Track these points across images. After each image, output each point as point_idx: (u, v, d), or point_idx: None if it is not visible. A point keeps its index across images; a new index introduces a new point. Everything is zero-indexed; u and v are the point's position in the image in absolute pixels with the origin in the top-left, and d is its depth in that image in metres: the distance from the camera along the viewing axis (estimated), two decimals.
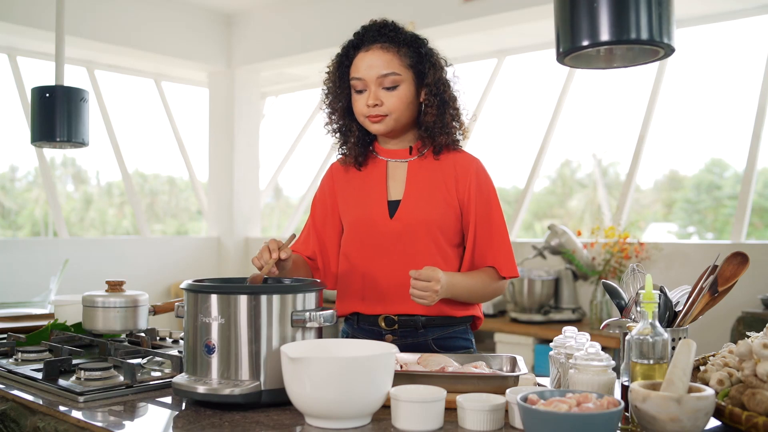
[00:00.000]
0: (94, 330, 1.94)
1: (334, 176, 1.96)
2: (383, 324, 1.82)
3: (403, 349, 1.79)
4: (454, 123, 1.84)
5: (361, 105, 1.81)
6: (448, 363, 1.54)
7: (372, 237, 1.83)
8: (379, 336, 1.83)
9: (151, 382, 1.57)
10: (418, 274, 1.62)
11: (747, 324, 3.36)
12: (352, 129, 1.88)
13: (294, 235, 1.74)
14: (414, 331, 1.82)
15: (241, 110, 6.35)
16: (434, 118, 1.81)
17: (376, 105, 1.78)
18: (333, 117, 1.90)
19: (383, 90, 1.78)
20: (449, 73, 1.87)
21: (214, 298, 1.40)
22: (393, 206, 1.83)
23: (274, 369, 1.38)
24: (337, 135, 1.91)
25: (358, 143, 1.88)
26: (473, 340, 1.91)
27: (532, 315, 4.09)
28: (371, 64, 1.78)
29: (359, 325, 1.88)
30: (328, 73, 1.91)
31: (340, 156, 1.93)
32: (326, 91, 1.91)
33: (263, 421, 1.30)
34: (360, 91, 1.81)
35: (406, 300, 1.76)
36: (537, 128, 5.36)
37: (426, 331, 1.82)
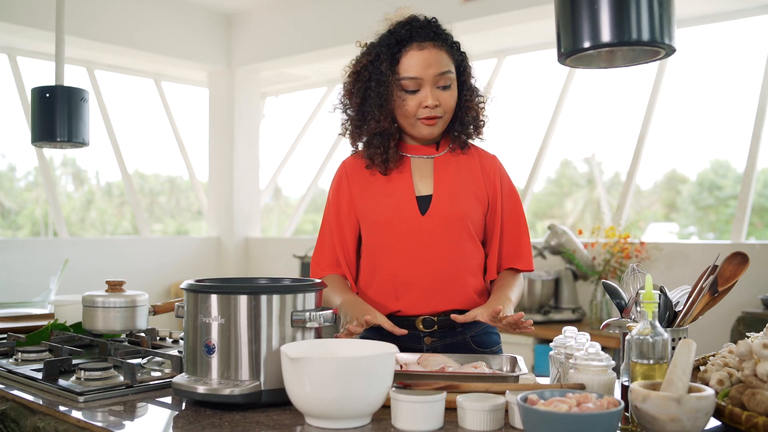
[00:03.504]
0: (94, 330, 1.94)
1: (349, 176, 1.86)
2: (421, 326, 1.77)
3: (442, 350, 1.76)
4: (481, 118, 1.84)
5: (413, 106, 1.73)
6: (448, 363, 1.54)
7: (402, 235, 1.76)
8: (416, 339, 1.77)
9: (151, 382, 1.57)
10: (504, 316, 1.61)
11: (747, 324, 3.36)
12: (393, 133, 1.77)
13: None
14: (452, 331, 1.78)
15: (241, 110, 6.35)
16: (476, 114, 1.81)
17: (437, 106, 1.72)
18: (377, 121, 1.74)
19: (438, 89, 1.73)
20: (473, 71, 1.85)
21: (214, 298, 1.40)
22: (422, 202, 1.78)
23: (274, 369, 1.38)
24: (375, 141, 1.77)
25: (395, 147, 1.79)
26: (500, 335, 1.90)
27: (532, 315, 4.09)
28: (430, 62, 1.71)
29: None
30: (355, 72, 1.79)
31: (374, 161, 1.79)
32: (358, 93, 1.78)
33: (263, 421, 1.30)
34: (413, 92, 1.73)
35: (444, 299, 1.74)
36: (537, 128, 5.37)
37: (464, 329, 1.79)
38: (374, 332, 1.83)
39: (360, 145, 1.86)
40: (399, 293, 1.77)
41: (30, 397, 1.51)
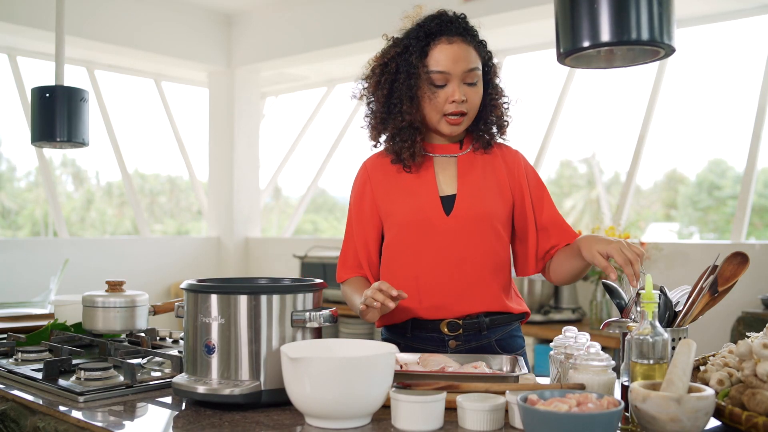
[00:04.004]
0: (94, 330, 1.94)
1: (371, 176, 1.83)
2: (446, 329, 1.73)
3: (467, 353, 1.73)
4: (505, 118, 1.82)
5: (440, 101, 1.69)
6: (448, 363, 1.54)
7: (426, 236, 1.72)
8: (441, 343, 1.74)
9: (151, 382, 1.57)
10: (629, 264, 1.48)
11: (747, 324, 3.36)
12: (419, 126, 1.73)
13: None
14: (477, 334, 1.74)
15: (241, 110, 6.35)
16: (501, 112, 1.79)
17: (464, 101, 1.70)
18: (405, 114, 1.71)
19: (465, 86, 1.70)
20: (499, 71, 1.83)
21: (214, 298, 1.40)
22: (446, 202, 1.75)
23: (274, 369, 1.38)
24: (402, 135, 1.73)
25: (421, 141, 1.75)
26: (524, 338, 1.88)
27: (532, 315, 4.09)
28: (458, 57, 1.68)
29: (414, 333, 1.76)
30: (381, 65, 1.75)
31: (401, 156, 1.75)
32: (385, 85, 1.73)
33: (263, 421, 1.30)
34: (440, 86, 1.70)
35: (469, 301, 1.71)
36: (537, 128, 5.37)
37: (488, 332, 1.76)
38: (395, 334, 1.82)
39: (382, 140, 1.81)
40: (422, 296, 1.73)
41: (30, 397, 1.51)
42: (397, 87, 1.72)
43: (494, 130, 1.81)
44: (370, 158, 1.87)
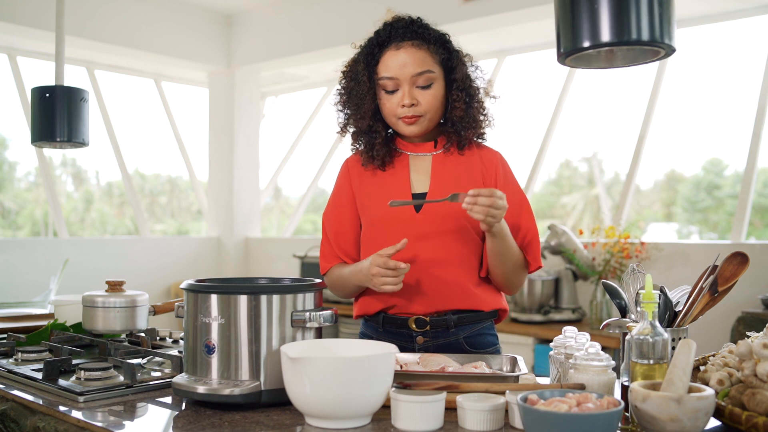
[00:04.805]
0: (94, 330, 1.94)
1: (351, 172, 1.88)
2: (414, 326, 1.76)
3: (434, 350, 1.76)
4: (480, 117, 1.82)
5: (392, 105, 1.75)
6: (448, 363, 1.54)
7: (396, 232, 1.75)
8: (409, 338, 1.78)
9: (151, 382, 1.57)
10: (478, 191, 1.56)
11: (747, 324, 3.36)
12: (378, 131, 1.80)
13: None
14: (445, 331, 1.77)
15: (241, 110, 6.36)
16: (462, 113, 1.78)
17: (413, 105, 1.73)
18: (357, 120, 1.79)
19: (417, 89, 1.74)
20: (471, 66, 1.83)
21: (214, 298, 1.40)
22: (417, 199, 1.78)
23: (274, 369, 1.38)
24: (362, 138, 1.82)
25: (384, 144, 1.81)
26: (498, 336, 1.88)
27: (532, 315, 4.09)
28: (405, 62, 1.72)
29: (385, 328, 1.81)
30: (345, 72, 1.82)
31: (365, 158, 1.83)
32: (345, 92, 1.82)
33: (263, 421, 1.30)
34: (391, 92, 1.75)
35: (437, 298, 1.73)
36: (537, 128, 5.37)
37: (457, 329, 1.77)
38: (369, 329, 1.86)
39: (350, 143, 1.88)
40: (397, 291, 1.75)
41: (30, 397, 1.51)
42: (354, 94, 1.79)
43: (463, 129, 1.80)
44: (352, 156, 1.92)
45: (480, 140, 1.86)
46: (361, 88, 1.77)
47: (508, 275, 1.77)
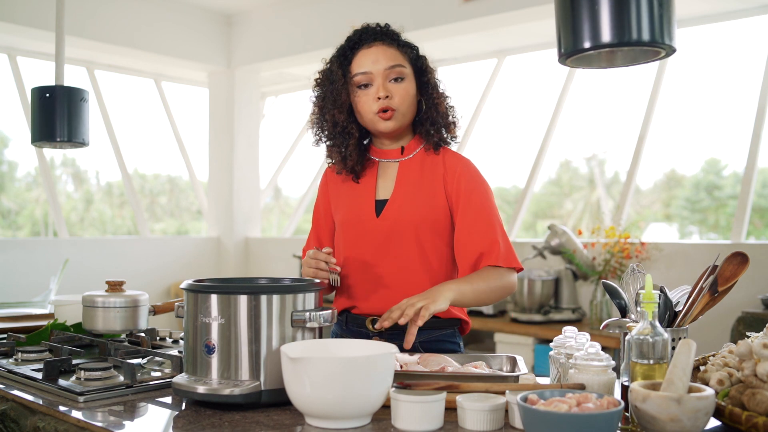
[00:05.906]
0: (94, 330, 1.94)
1: (328, 178, 1.97)
2: (370, 326, 1.81)
3: None
4: (447, 122, 1.85)
5: (368, 100, 1.78)
6: (448, 363, 1.54)
7: (360, 236, 1.83)
8: (367, 338, 1.78)
9: (151, 382, 1.57)
10: (389, 313, 1.58)
11: (747, 324, 3.36)
12: (352, 132, 1.83)
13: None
14: (401, 334, 1.73)
15: (241, 110, 6.36)
16: (430, 117, 1.82)
17: (387, 97, 1.76)
18: (335, 114, 1.81)
19: (390, 83, 1.78)
20: (438, 75, 1.89)
21: (214, 298, 1.40)
22: (380, 205, 1.83)
23: (274, 369, 1.38)
24: (336, 141, 1.84)
25: (356, 149, 1.83)
26: (461, 344, 1.88)
27: (532, 315, 4.09)
28: (377, 58, 1.78)
29: (348, 326, 1.88)
30: (320, 80, 1.88)
31: (338, 165, 1.86)
32: (321, 96, 1.86)
33: (263, 421, 1.30)
34: (365, 86, 1.79)
35: (394, 300, 1.72)
36: (537, 128, 5.37)
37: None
38: (338, 326, 1.90)
39: (323, 146, 1.91)
40: (355, 292, 1.84)
41: (30, 397, 1.51)
42: (328, 98, 1.83)
43: (435, 131, 1.82)
44: (335, 169, 1.95)
45: (453, 142, 1.89)
46: (336, 85, 1.81)
47: (494, 299, 1.76)
